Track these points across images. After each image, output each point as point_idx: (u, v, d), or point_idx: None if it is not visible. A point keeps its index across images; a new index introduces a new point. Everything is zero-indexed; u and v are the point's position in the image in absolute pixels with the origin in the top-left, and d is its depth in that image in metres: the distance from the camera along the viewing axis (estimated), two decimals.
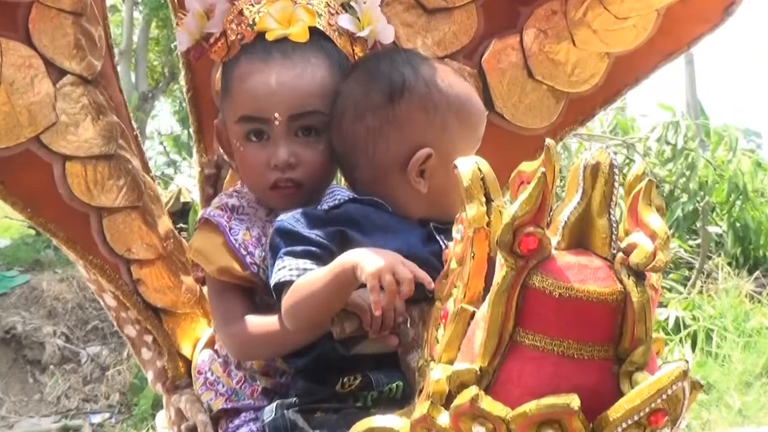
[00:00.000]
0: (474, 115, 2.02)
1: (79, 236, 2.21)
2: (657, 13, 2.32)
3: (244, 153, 2.06)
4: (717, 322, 10.25)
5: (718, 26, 2.37)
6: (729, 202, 11.86)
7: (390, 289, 1.70)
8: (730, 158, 12.24)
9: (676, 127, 12.09)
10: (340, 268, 1.78)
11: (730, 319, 10.30)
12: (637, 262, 1.46)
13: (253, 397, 2.08)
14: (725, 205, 11.90)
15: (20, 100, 2.08)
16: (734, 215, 11.87)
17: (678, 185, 11.66)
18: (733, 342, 9.98)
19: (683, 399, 1.45)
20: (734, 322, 10.29)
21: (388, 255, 1.75)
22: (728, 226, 11.86)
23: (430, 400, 1.52)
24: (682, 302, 10.38)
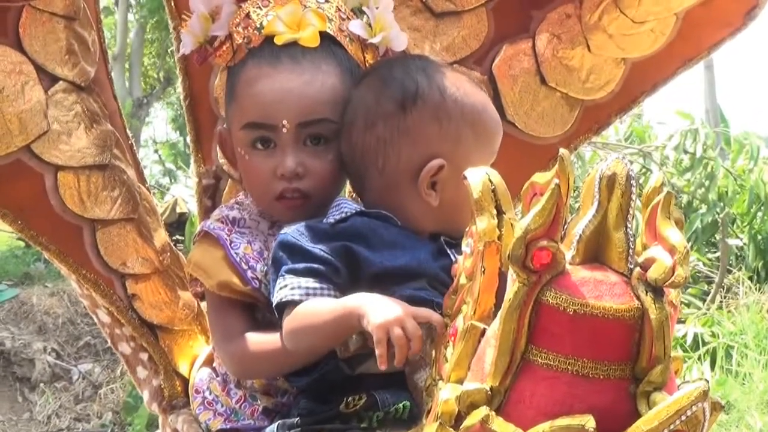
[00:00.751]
0: (490, 127, 2.02)
1: (72, 249, 2.21)
2: (676, 17, 2.32)
3: (249, 161, 2.05)
4: (737, 339, 10.25)
5: (740, 30, 2.37)
6: (750, 213, 11.86)
7: (400, 344, 1.69)
8: (751, 167, 12.21)
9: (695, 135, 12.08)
10: (345, 312, 1.78)
11: (751, 336, 10.29)
12: (655, 278, 1.46)
13: (253, 417, 2.08)
14: (746, 217, 11.89)
15: (10, 107, 2.09)
16: (755, 227, 11.86)
17: (697, 196, 11.66)
18: (755, 360, 9.98)
19: (703, 421, 1.45)
20: (755, 338, 10.29)
21: (396, 307, 1.74)
22: (749, 238, 11.85)
23: (439, 421, 1.52)
24: (701, 318, 10.39)
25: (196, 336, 2.34)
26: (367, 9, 2.12)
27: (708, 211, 11.61)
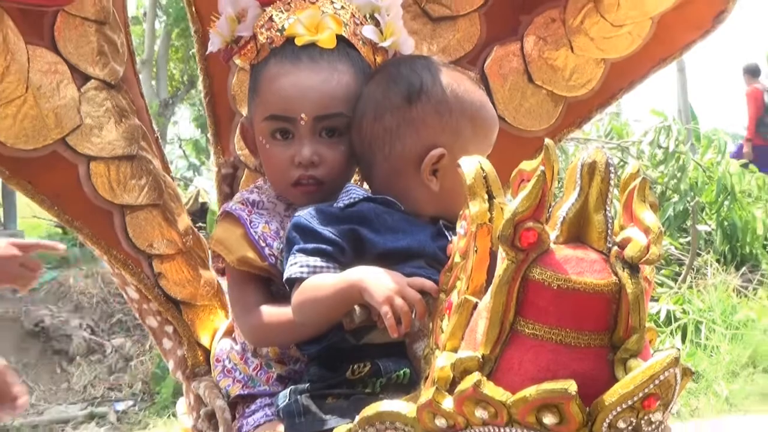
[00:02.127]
0: (487, 121, 2.02)
1: (104, 232, 2.21)
2: (651, 21, 2.31)
3: (269, 150, 2.05)
4: (706, 316, 10.26)
5: (709, 33, 2.36)
6: (717, 202, 11.90)
7: (404, 312, 1.71)
8: (719, 161, 12.27)
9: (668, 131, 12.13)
10: (347, 286, 1.80)
11: (718, 313, 10.31)
12: (631, 256, 1.46)
13: (268, 384, 2.08)
14: (714, 205, 11.93)
15: (47, 104, 2.09)
16: (722, 215, 11.90)
17: (669, 186, 11.70)
18: (721, 334, 9.99)
19: (675, 384, 1.45)
20: (722, 315, 10.31)
21: (393, 278, 1.77)
22: (717, 224, 11.88)
23: (436, 386, 1.52)
24: (673, 297, 10.40)
25: (216, 311, 2.34)
26: (379, 16, 2.12)
27: (679, 200, 11.65)
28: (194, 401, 2.27)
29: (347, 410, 1.76)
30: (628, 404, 1.43)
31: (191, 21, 2.31)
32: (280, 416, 1.95)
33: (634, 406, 1.43)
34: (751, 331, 10.11)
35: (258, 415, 2.05)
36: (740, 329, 10.11)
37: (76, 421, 8.58)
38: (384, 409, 1.61)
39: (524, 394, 1.44)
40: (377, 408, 1.62)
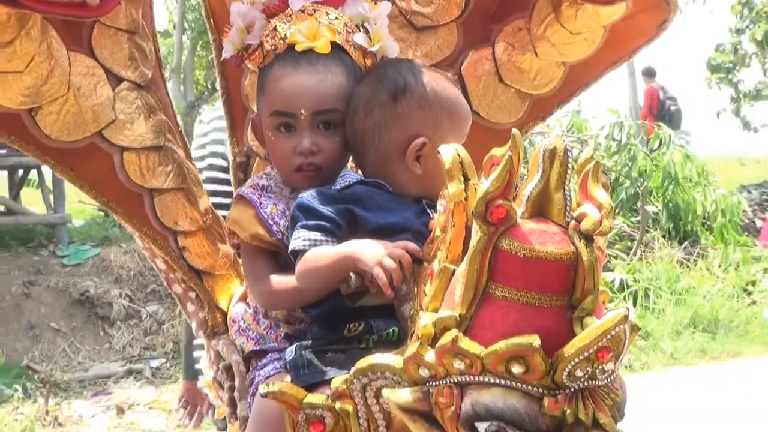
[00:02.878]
0: (462, 115, 2.02)
1: (135, 212, 2.21)
2: (604, 29, 2.30)
3: (274, 142, 2.05)
4: (653, 283, 10.31)
5: (653, 39, 2.36)
6: (663, 186, 11.94)
7: (393, 269, 1.72)
8: (664, 152, 12.29)
9: (621, 126, 12.16)
10: (342, 257, 1.80)
11: (664, 281, 10.35)
12: (586, 228, 1.47)
13: (277, 341, 2.08)
14: (660, 190, 11.97)
15: (86, 102, 2.08)
16: (667, 197, 11.95)
17: (622, 173, 11.73)
18: (667, 299, 10.03)
19: (625, 338, 1.46)
20: (667, 283, 10.35)
21: (381, 245, 1.77)
22: (663, 206, 11.94)
23: (420, 341, 1.52)
24: (626, 267, 10.44)
25: (232, 279, 2.34)
26: (368, 25, 2.11)
27: (630, 185, 11.68)
28: (214, 357, 2.28)
29: (344, 363, 1.76)
30: (584, 356, 1.43)
31: (210, 31, 2.31)
32: (287, 368, 1.95)
33: (590, 358, 1.43)
34: (692, 297, 10.15)
35: (268, 368, 2.05)
36: (683, 295, 10.16)
37: (117, 376, 8.61)
38: (376, 361, 1.62)
39: (495, 348, 1.44)
40: (370, 361, 1.62)
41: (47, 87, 2.00)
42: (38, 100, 2.01)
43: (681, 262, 11.14)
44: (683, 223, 11.87)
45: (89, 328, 9.28)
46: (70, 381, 8.40)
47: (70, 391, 8.26)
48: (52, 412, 7.61)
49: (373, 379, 1.63)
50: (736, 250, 11.56)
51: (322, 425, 1.68)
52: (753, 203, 13.59)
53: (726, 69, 27.00)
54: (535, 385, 1.44)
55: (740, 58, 26.71)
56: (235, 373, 2.16)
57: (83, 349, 9.03)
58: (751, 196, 13.93)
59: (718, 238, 11.79)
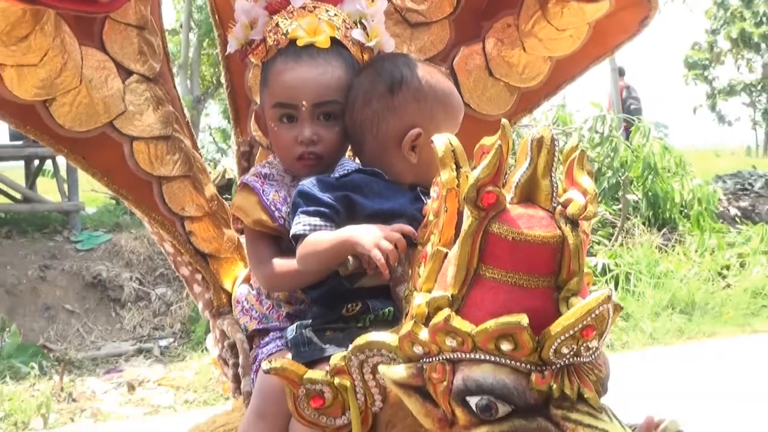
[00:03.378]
0: (455, 106, 2.02)
1: (144, 198, 2.21)
2: (588, 26, 2.30)
3: (277, 132, 2.05)
4: (634, 268, 10.33)
5: (635, 35, 2.36)
6: (643, 176, 11.96)
7: (390, 250, 1.72)
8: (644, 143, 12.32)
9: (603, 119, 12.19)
10: (341, 241, 1.80)
11: (644, 265, 10.37)
12: (572, 213, 1.47)
13: (279, 320, 2.08)
14: (640, 179, 11.99)
15: (97, 94, 2.08)
16: (647, 187, 11.96)
17: (604, 164, 11.74)
18: (646, 282, 10.05)
19: (608, 317, 1.46)
20: (647, 267, 10.37)
21: (377, 228, 1.77)
22: (643, 194, 11.95)
23: (414, 320, 1.52)
24: (608, 253, 10.44)
25: (236, 262, 2.34)
26: (365, 21, 2.11)
27: (612, 175, 11.69)
28: (219, 335, 2.28)
29: (342, 341, 1.76)
30: (570, 333, 1.43)
31: (215, 27, 2.31)
32: (288, 346, 1.95)
33: (575, 335, 1.43)
34: (670, 280, 10.17)
35: (271, 346, 2.05)
36: (661, 278, 10.18)
37: (127, 354, 8.60)
38: (372, 339, 1.61)
39: (485, 326, 1.44)
40: (367, 338, 1.62)
41: (60, 79, 1.99)
42: (52, 91, 2.01)
43: (660, 247, 11.16)
44: (662, 211, 11.89)
45: (101, 310, 9.28)
46: (83, 359, 8.41)
47: (83, 368, 8.26)
48: (66, 389, 7.62)
49: (369, 356, 1.62)
50: (712, 236, 11.60)
51: (321, 400, 1.68)
52: (727, 192, 13.61)
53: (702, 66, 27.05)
54: (523, 361, 1.44)
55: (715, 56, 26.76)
56: (239, 350, 2.17)
57: (96, 329, 9.04)
58: (726, 185, 13.96)
59: (695, 225, 11.83)
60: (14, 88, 1.95)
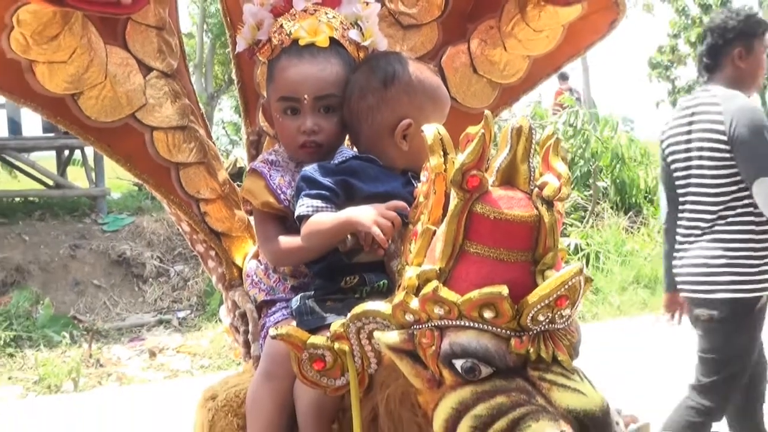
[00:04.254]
0: (442, 100, 2.01)
1: (163, 182, 2.20)
2: (563, 28, 2.29)
3: (282, 123, 2.04)
4: (603, 247, 10.37)
5: (605, 36, 2.35)
6: (612, 165, 12.00)
7: (386, 227, 1.73)
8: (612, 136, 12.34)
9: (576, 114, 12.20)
10: (342, 222, 1.80)
11: (612, 245, 10.42)
12: (547, 194, 1.46)
13: (284, 292, 2.08)
14: (609, 168, 12.03)
15: (121, 88, 2.07)
16: (615, 174, 12.01)
17: (577, 154, 11.77)
18: (614, 260, 10.09)
19: (579, 288, 1.46)
20: (615, 247, 10.41)
21: (374, 208, 1.77)
22: (611, 182, 11.99)
23: (406, 291, 1.52)
24: (580, 233, 10.47)
25: (246, 240, 2.33)
26: (361, 23, 2.10)
27: (584, 164, 11.71)
28: (231, 306, 2.27)
29: (342, 310, 1.75)
30: (545, 303, 1.42)
31: (226, 28, 2.30)
32: (293, 315, 1.95)
33: (550, 305, 1.43)
34: (636, 258, 10.22)
35: (277, 315, 2.05)
36: (627, 257, 10.23)
37: (149, 325, 8.64)
38: (368, 308, 1.61)
39: (470, 296, 1.43)
40: (363, 307, 1.61)
41: (87, 75, 1.99)
42: (80, 86, 2.00)
43: (626, 229, 11.20)
44: (628, 197, 11.92)
45: (126, 285, 9.30)
46: (109, 329, 8.44)
47: (109, 337, 8.29)
48: (94, 356, 7.65)
49: (366, 323, 1.62)
50: None
51: (322, 362, 1.68)
52: None
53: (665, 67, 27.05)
54: (503, 327, 1.44)
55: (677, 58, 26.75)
56: (249, 319, 2.16)
57: (120, 302, 9.06)
58: None
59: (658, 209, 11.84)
60: (46, 83, 1.95)
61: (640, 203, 11.94)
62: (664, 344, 7.64)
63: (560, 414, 1.40)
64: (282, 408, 1.88)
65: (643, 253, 10.41)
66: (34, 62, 1.91)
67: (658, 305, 9.28)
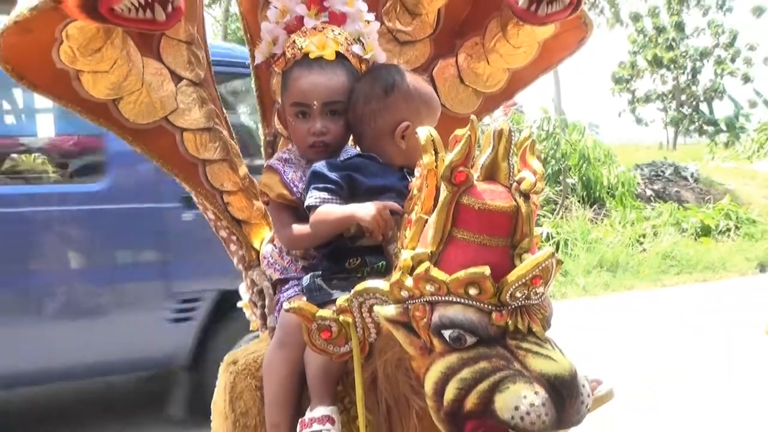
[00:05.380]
0: (435, 106, 2.01)
1: (192, 176, 2.19)
2: (538, 44, 2.29)
3: (294, 125, 2.03)
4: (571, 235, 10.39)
5: (574, 52, 2.35)
6: (579, 165, 12.02)
7: (387, 220, 1.75)
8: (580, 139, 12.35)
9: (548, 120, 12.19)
10: (347, 216, 1.80)
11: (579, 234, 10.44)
12: (525, 188, 1.47)
13: (296, 272, 2.07)
14: (576, 167, 12.05)
15: (155, 94, 2.06)
16: (582, 173, 12.04)
17: (548, 155, 11.78)
18: (580, 247, 10.12)
19: (551, 269, 1.47)
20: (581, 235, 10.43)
21: (374, 206, 1.77)
22: (578, 179, 12.02)
23: (401, 271, 1.52)
24: (551, 223, 10.49)
25: (263, 227, 2.32)
26: (363, 39, 2.10)
27: (555, 163, 11.73)
28: (250, 284, 2.27)
29: (346, 287, 1.75)
30: (522, 282, 1.43)
31: (246, 43, 2.28)
32: (303, 291, 1.95)
33: (526, 283, 1.44)
34: (599, 245, 10.25)
35: (290, 291, 2.05)
36: (592, 244, 10.25)
37: None
38: (369, 285, 1.61)
39: (457, 276, 1.44)
40: (365, 285, 1.62)
41: (126, 83, 1.98)
42: (120, 92, 1.99)
43: (591, 220, 11.23)
44: (593, 192, 11.96)
45: None
46: None
47: None
48: None
49: (367, 298, 1.62)
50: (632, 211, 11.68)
51: (329, 332, 1.68)
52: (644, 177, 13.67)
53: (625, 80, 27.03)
54: (486, 303, 1.45)
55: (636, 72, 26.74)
56: (265, 295, 2.16)
57: None
58: (643, 172, 14.00)
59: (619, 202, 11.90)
60: (90, 90, 1.94)
61: (604, 198, 11.98)
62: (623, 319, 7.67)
63: (534, 377, 1.41)
64: (294, 372, 1.88)
65: (606, 241, 10.44)
66: (80, 72, 1.91)
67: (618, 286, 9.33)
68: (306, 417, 1.81)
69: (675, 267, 10.06)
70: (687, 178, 14.00)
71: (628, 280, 9.47)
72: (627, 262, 9.89)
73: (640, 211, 11.81)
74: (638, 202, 12.28)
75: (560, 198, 11.33)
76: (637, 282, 9.46)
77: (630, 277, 9.59)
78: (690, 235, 11.28)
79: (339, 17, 2.11)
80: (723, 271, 10.11)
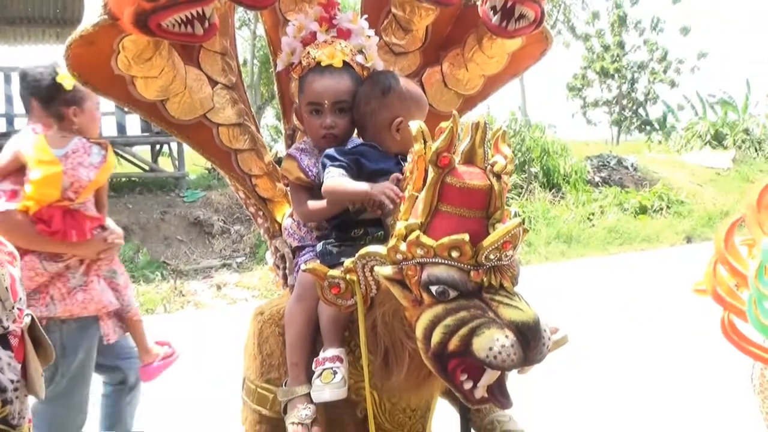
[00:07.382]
0: (424, 105, 1.98)
1: (226, 164, 2.17)
2: (508, 55, 2.26)
3: (309, 121, 2.01)
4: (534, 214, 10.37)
5: (537, 61, 2.32)
6: (540, 157, 11.96)
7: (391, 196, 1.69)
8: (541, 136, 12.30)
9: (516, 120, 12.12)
10: (355, 192, 1.77)
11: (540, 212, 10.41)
12: (497, 170, 1.46)
13: (311, 240, 2.06)
14: (538, 159, 11.99)
15: (196, 96, 2.03)
16: (543, 163, 11.98)
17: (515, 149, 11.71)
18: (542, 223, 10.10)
19: (519, 236, 1.45)
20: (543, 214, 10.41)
21: (379, 185, 1.74)
22: (540, 168, 11.95)
23: (396, 238, 1.51)
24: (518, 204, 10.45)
25: (284, 204, 2.30)
26: (365, 50, 2.07)
27: (521, 155, 11.67)
28: (273, 250, 2.25)
29: (351, 252, 1.73)
30: (495, 246, 1.42)
31: (270, 55, 2.26)
32: (317, 256, 1.93)
33: (498, 247, 1.43)
34: (557, 222, 10.24)
35: (306, 256, 2.03)
36: (551, 221, 10.25)
37: (216, 267, 8.63)
38: (370, 250, 1.60)
39: (442, 241, 1.43)
40: (367, 250, 1.61)
41: (172, 86, 1.96)
42: (166, 94, 1.97)
43: (550, 201, 11.21)
44: (552, 179, 11.92)
45: (200, 239, 9.30)
46: (188, 270, 8.44)
47: (188, 276, 8.30)
48: (178, 288, 7.66)
49: (369, 261, 1.61)
50: (583, 194, 11.64)
51: (338, 288, 1.67)
52: (593, 167, 13.61)
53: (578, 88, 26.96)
54: (465, 263, 1.44)
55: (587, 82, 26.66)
56: (286, 259, 2.15)
57: (196, 251, 9.06)
58: (592, 163, 13.94)
59: (573, 187, 11.86)
60: (143, 92, 1.92)
61: (560, 183, 11.95)
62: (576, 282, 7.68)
63: (505, 324, 1.40)
64: (310, 320, 1.87)
65: (563, 218, 10.44)
66: (134, 77, 1.88)
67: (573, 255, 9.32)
68: (320, 356, 1.81)
69: (618, 239, 10.07)
70: (628, 168, 13.96)
71: (581, 250, 9.48)
72: (579, 236, 9.90)
73: (590, 194, 11.80)
74: (588, 187, 12.26)
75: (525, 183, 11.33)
76: (587, 251, 9.47)
77: (582, 247, 9.60)
78: (630, 214, 11.28)
79: (345, 32, 2.09)
80: (657, 242, 10.12)
